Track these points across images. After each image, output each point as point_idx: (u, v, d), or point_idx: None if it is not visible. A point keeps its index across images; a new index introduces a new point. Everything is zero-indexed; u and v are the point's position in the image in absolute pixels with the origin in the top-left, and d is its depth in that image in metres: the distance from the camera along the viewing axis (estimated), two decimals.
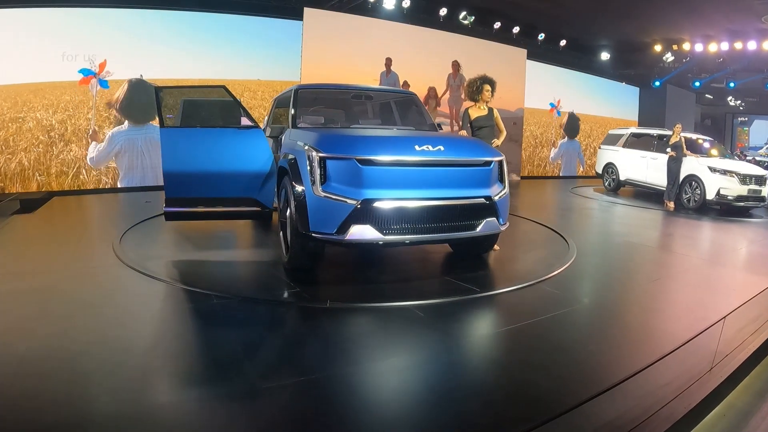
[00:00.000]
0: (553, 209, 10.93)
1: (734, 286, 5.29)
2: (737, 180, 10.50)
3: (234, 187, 5.19)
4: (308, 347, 3.43)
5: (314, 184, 4.36)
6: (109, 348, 3.27)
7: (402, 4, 13.01)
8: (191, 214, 5.34)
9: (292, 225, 4.64)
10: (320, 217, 4.36)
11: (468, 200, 4.66)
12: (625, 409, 2.74)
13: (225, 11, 11.57)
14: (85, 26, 10.14)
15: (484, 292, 4.53)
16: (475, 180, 4.79)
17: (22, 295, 4.16)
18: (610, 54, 18.13)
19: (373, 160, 4.34)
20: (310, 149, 4.47)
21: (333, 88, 6.68)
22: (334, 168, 4.39)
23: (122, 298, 4.32)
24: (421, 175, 4.54)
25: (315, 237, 4.43)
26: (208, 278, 4.86)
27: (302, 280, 4.68)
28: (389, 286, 4.84)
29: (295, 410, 2.60)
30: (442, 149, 4.59)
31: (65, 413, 2.50)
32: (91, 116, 10.31)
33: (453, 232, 4.66)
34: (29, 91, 9.76)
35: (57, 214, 8.27)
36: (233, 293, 4.30)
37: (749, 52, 15.16)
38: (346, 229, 4.28)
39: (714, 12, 13.31)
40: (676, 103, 20.24)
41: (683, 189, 11.13)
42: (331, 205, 4.30)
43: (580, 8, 13.60)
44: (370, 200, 4.28)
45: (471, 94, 6.42)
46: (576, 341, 3.64)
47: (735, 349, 3.52)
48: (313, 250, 4.73)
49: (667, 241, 7.95)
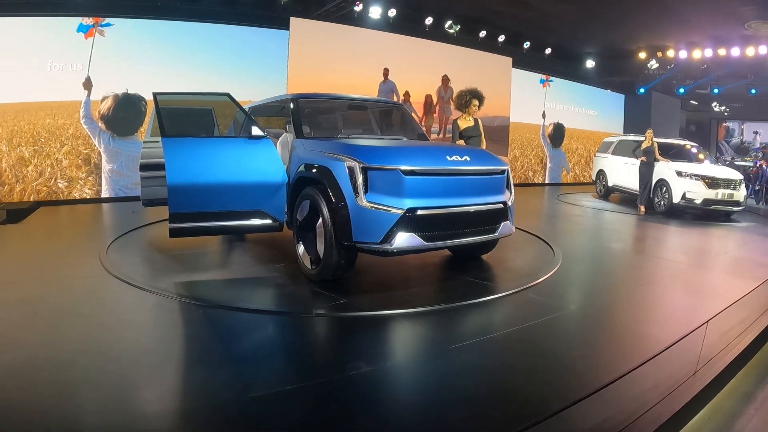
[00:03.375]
0: (540, 216, 10.98)
1: (717, 290, 5.33)
2: (703, 184, 10.60)
3: (243, 200, 4.99)
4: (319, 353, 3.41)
5: (357, 195, 4.39)
6: (98, 358, 3.23)
7: (388, 14, 13.08)
8: (198, 229, 4.99)
9: (327, 236, 4.58)
10: (364, 227, 4.39)
11: (490, 205, 4.98)
12: (610, 412, 2.75)
13: (211, 21, 11.58)
14: (68, 38, 10.11)
15: (472, 300, 4.54)
16: (493, 187, 5.12)
17: (8, 305, 4.11)
18: (596, 61, 18.30)
19: (415, 170, 4.47)
20: (350, 160, 4.48)
21: (328, 98, 6.67)
22: (377, 178, 4.44)
23: (109, 308, 4.27)
24: (453, 183, 4.79)
25: (358, 247, 4.46)
26: (205, 288, 4.87)
27: (336, 290, 4.67)
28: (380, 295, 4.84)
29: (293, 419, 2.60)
30: (468, 159, 4.86)
31: (53, 424, 2.48)
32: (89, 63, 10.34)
33: (479, 236, 4.96)
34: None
35: (43, 223, 8.20)
36: (276, 307, 4.30)
37: (733, 58, 15.34)
38: (391, 238, 4.35)
39: (698, 18, 13.47)
40: (661, 110, 20.42)
41: (655, 193, 11.27)
42: (376, 214, 4.36)
43: (566, 16, 13.72)
44: (414, 209, 4.41)
45: (459, 106, 6.65)
46: (561, 346, 3.66)
47: (720, 353, 3.54)
48: (348, 260, 4.73)
49: (649, 246, 8.02)
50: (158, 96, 5.25)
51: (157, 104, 5.13)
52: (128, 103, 10.65)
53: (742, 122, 28.89)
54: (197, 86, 10.85)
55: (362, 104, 6.72)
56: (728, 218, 10.83)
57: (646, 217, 10.65)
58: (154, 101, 5.16)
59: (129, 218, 8.17)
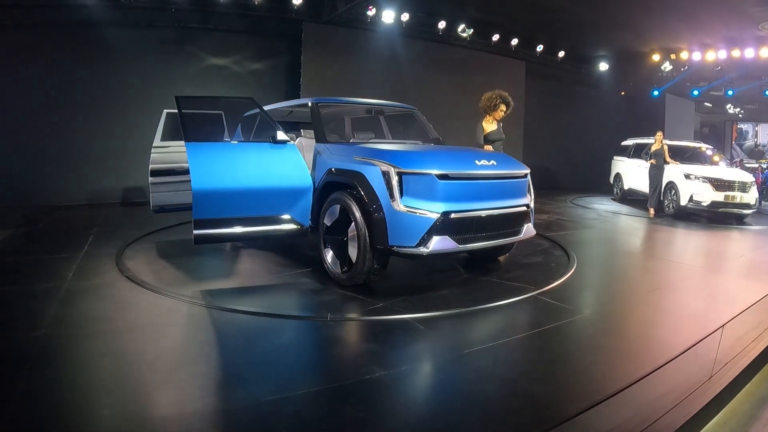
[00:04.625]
0: (552, 220, 10.94)
1: (733, 293, 5.29)
2: (710, 186, 10.54)
3: (268, 205, 4.98)
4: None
5: (393, 199, 4.45)
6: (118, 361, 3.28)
7: (401, 18, 13.11)
8: (223, 236, 4.91)
9: (361, 240, 4.62)
10: (400, 231, 4.45)
11: (515, 208, 5.10)
12: (625, 418, 2.76)
13: (224, 29, 11.73)
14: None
15: (486, 304, 4.55)
16: (517, 190, 5.23)
17: (28, 308, 4.17)
18: (609, 64, 18.22)
19: (449, 175, 4.57)
20: (385, 164, 4.55)
21: (345, 103, 6.67)
22: (412, 183, 4.51)
23: (123, 312, 4.32)
24: (483, 187, 4.90)
25: (394, 251, 4.51)
26: (229, 294, 4.89)
27: (365, 292, 4.74)
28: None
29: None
30: (494, 164, 4.99)
31: (69, 427, 2.53)
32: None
33: (506, 238, 5.07)
34: None
35: (59, 226, 8.29)
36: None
37: (747, 59, 15.21)
38: (427, 241, 4.42)
39: (711, 20, 13.37)
40: (675, 112, 20.26)
41: (665, 195, 11.25)
42: (412, 218, 4.43)
43: (579, 19, 13.68)
44: (448, 212, 4.49)
45: (488, 108, 6.54)
46: (576, 351, 3.67)
47: (735, 357, 3.54)
48: (381, 264, 4.79)
49: (663, 249, 8.00)
50: (180, 99, 5.10)
51: (180, 108, 4.99)
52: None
53: (756, 124, 28.62)
54: (210, 93, 10.95)
55: (379, 109, 6.71)
56: (741, 221, 10.75)
57: (658, 220, 10.60)
58: (177, 105, 5.01)
59: (145, 221, 8.21)
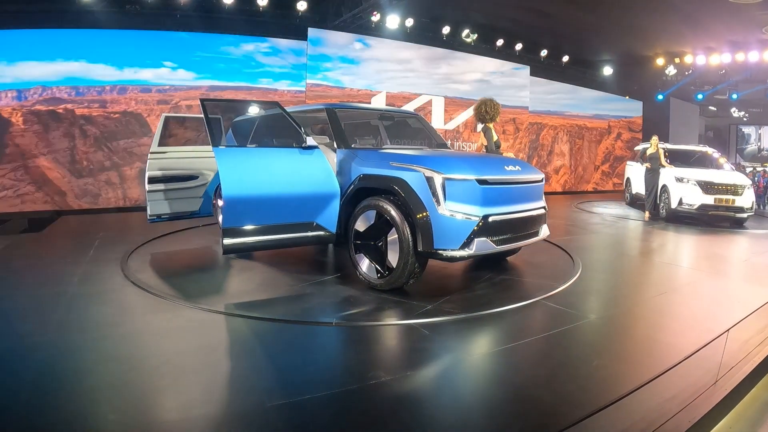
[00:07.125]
0: (556, 225, 10.95)
1: (738, 297, 5.27)
2: (699, 189, 10.55)
3: (297, 212, 4.99)
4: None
5: (438, 204, 4.57)
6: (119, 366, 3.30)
7: (405, 23, 13.16)
8: (253, 245, 4.82)
9: (404, 244, 4.68)
10: (445, 234, 4.57)
11: (537, 210, 5.41)
12: (630, 422, 2.76)
13: (229, 33, 11.78)
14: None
15: (493, 309, 4.56)
16: (537, 194, 5.56)
17: (31, 312, 4.21)
18: (613, 68, 18.23)
19: (487, 180, 4.77)
20: (428, 170, 4.65)
21: (358, 109, 6.69)
22: (454, 188, 4.64)
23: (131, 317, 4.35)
24: (513, 191, 5.15)
25: (438, 254, 4.60)
26: (256, 303, 4.90)
27: (406, 296, 4.82)
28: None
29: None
30: (519, 169, 5.22)
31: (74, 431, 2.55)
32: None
33: (529, 238, 5.32)
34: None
35: (65, 232, 8.35)
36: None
37: (751, 63, 15.24)
38: (470, 244, 4.61)
39: (716, 24, 13.40)
40: (679, 116, 20.27)
41: (660, 198, 11.34)
42: (456, 222, 4.58)
43: (583, 24, 13.72)
44: (488, 215, 4.70)
45: (494, 115, 6.80)
46: (581, 356, 3.66)
47: (740, 361, 3.53)
48: (421, 267, 4.87)
49: (667, 254, 7.97)
50: (205, 102, 4.96)
51: (205, 112, 4.85)
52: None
53: (759, 127, 28.50)
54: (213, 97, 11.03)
55: (390, 115, 6.75)
56: (741, 225, 10.74)
57: (664, 224, 10.59)
58: (203, 109, 4.86)
59: (148, 228, 8.24)
